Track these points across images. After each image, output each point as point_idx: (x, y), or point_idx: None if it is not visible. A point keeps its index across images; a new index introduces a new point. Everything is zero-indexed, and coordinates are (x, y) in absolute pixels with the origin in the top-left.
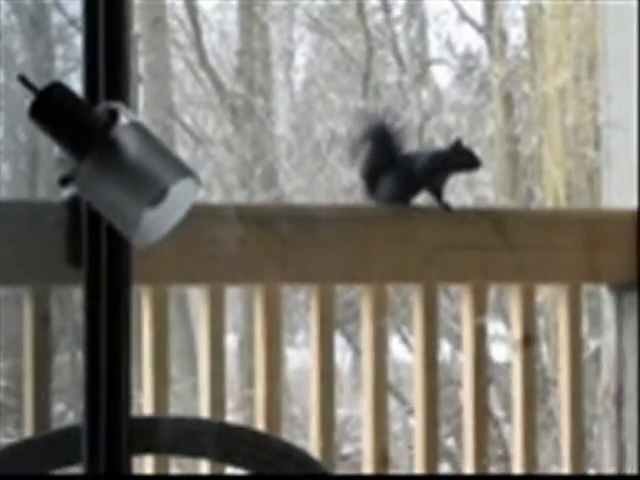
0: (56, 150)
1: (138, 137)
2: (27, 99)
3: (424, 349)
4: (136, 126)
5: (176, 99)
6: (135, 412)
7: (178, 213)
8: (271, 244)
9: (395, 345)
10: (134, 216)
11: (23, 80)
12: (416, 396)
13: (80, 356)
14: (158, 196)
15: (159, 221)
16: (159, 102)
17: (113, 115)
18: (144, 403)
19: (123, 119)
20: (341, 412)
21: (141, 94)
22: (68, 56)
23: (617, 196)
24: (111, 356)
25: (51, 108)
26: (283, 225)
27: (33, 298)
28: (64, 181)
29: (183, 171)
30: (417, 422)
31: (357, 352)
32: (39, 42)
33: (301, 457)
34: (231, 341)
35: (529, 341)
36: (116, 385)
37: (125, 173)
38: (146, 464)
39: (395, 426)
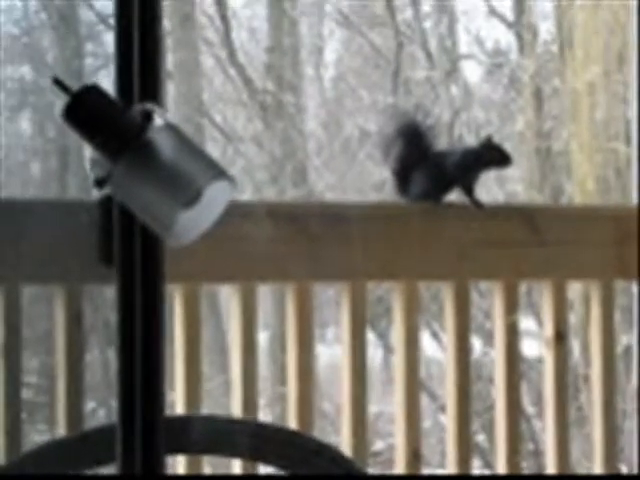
0: (89, 151)
1: (172, 138)
2: (57, 96)
3: (456, 346)
4: (170, 127)
5: (206, 96)
6: (168, 410)
7: (213, 214)
8: (302, 241)
9: (426, 341)
10: (169, 218)
11: (57, 82)
12: (448, 392)
13: (110, 354)
14: (193, 198)
15: (194, 222)
16: (189, 99)
17: (147, 116)
18: (177, 401)
19: (157, 120)
20: (372, 408)
21: (171, 91)
22: (98, 53)
23: (637, 191)
24: (146, 355)
25: (85, 110)
26: (314, 222)
27: (65, 297)
28: (99, 183)
29: (218, 172)
30: (449, 418)
31: (388, 348)
32: (68, 39)
33: (333, 454)
34: (262, 338)
35: (560, 337)
36: (151, 384)
37: (160, 175)
38: (179, 464)
39: (426, 423)
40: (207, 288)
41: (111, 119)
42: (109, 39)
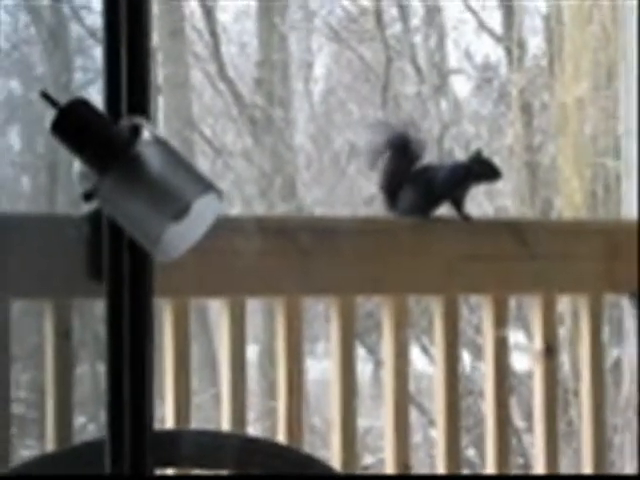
0: (77, 164)
1: (161, 152)
2: (46, 111)
3: (445, 360)
4: (158, 141)
5: (195, 110)
6: (157, 424)
7: (201, 228)
8: (291, 256)
9: (415, 355)
10: (157, 231)
11: (45, 96)
12: (437, 406)
13: (100, 368)
14: (181, 211)
15: (182, 236)
16: (178, 113)
17: (135, 130)
18: (166, 415)
19: (146, 134)
20: (362, 423)
21: (160, 105)
22: (87, 67)
23: (636, 206)
24: (134, 369)
25: (73, 123)
26: (303, 237)
27: (54, 312)
28: (87, 196)
29: (206, 186)
30: (438, 432)
31: (378, 363)
32: (58, 54)
33: (322, 469)
34: (252, 352)
35: (550, 351)
36: (139, 398)
37: (148, 188)
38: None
39: (416, 437)
40: (197, 303)
41: (99, 132)
42: (99, 53)
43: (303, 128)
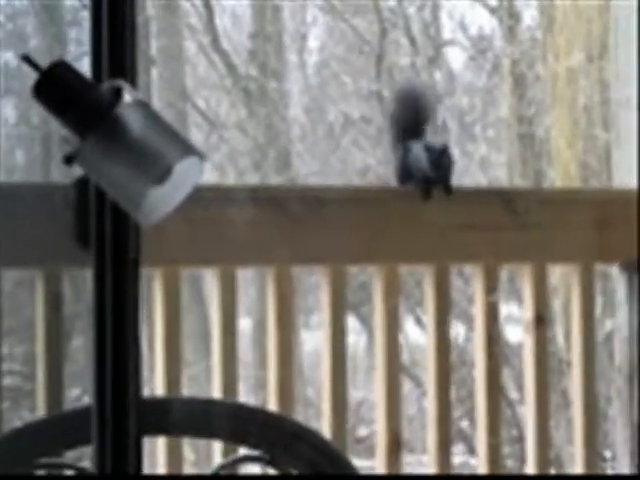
0: (61, 129)
1: (142, 115)
2: None
3: (437, 329)
4: (140, 104)
5: (189, 82)
6: (148, 394)
7: (183, 191)
8: (283, 225)
9: (410, 327)
10: (139, 194)
11: (27, 59)
12: (429, 377)
13: None
14: (163, 174)
15: (164, 199)
16: (172, 85)
17: (117, 93)
18: (157, 385)
19: (127, 97)
20: (356, 395)
21: (154, 77)
22: (81, 40)
23: (628, 176)
24: (118, 336)
25: (54, 86)
26: (295, 206)
27: (44, 280)
28: (68, 159)
29: (188, 149)
30: (430, 404)
31: (372, 335)
32: (52, 26)
33: (314, 438)
34: (245, 325)
35: (541, 321)
36: (123, 365)
37: (129, 151)
38: (159, 445)
39: (410, 409)
40: (191, 275)
41: (80, 95)
42: None
43: (297, 100)
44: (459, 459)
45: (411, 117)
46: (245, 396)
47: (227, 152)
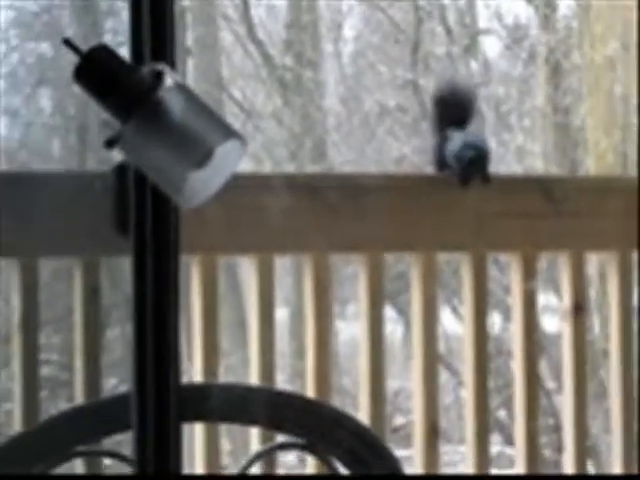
0: (102, 113)
1: (183, 98)
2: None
3: (474, 317)
4: (181, 87)
5: (225, 72)
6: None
7: (224, 175)
8: (320, 213)
9: (446, 317)
10: (180, 178)
11: (68, 43)
12: (466, 367)
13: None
14: (204, 158)
15: (205, 183)
16: (208, 75)
17: (158, 76)
18: (195, 375)
19: (168, 80)
20: (393, 384)
21: (190, 67)
22: (117, 30)
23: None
24: (159, 323)
25: (95, 70)
26: (332, 194)
27: (83, 270)
28: (109, 143)
29: (228, 132)
30: (467, 393)
31: (408, 324)
32: (88, 16)
33: (352, 424)
34: (282, 314)
35: (579, 309)
36: (164, 352)
37: (170, 135)
38: (196, 432)
39: (447, 398)
40: (227, 264)
41: (121, 78)
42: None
43: (333, 89)
44: (496, 449)
45: (454, 107)
46: (282, 386)
47: (263, 142)
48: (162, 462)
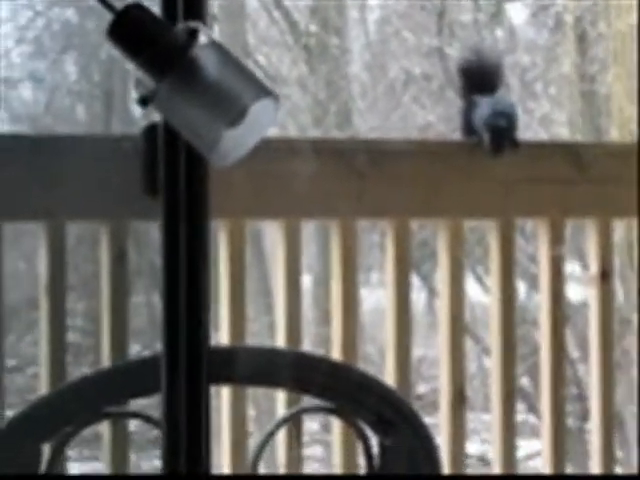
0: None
1: (217, 56)
2: (101, 39)
3: (501, 286)
4: (215, 45)
5: (251, 39)
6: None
7: (258, 133)
8: (347, 178)
9: (470, 285)
10: (214, 136)
11: (101, 0)
12: (492, 335)
13: (155, 297)
14: (238, 115)
15: (239, 141)
16: (234, 42)
17: (192, 34)
18: (221, 340)
19: (202, 38)
20: (416, 351)
21: (216, 34)
22: None
23: None
24: (192, 286)
25: (129, 27)
26: (359, 159)
27: (110, 234)
28: (143, 101)
29: (263, 90)
30: (493, 361)
31: (432, 292)
32: None
33: (379, 388)
34: (306, 281)
35: (606, 276)
36: (196, 315)
37: (205, 92)
38: (223, 394)
39: (470, 366)
40: (251, 231)
41: (155, 36)
42: None
43: (358, 56)
44: (519, 417)
45: (482, 74)
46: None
47: (288, 108)
48: (193, 425)
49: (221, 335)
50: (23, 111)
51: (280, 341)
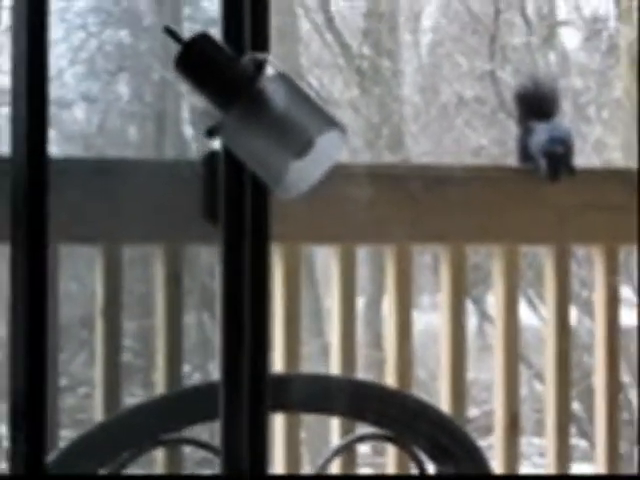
0: (196, 102)
1: (284, 88)
2: (154, 60)
3: (556, 311)
4: (282, 77)
5: (303, 61)
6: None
7: (324, 165)
8: (401, 204)
9: (521, 308)
10: (280, 168)
11: (169, 31)
12: (547, 361)
13: (206, 317)
14: (304, 147)
15: (305, 173)
16: (286, 64)
17: (259, 66)
18: (275, 362)
19: (269, 69)
20: (468, 375)
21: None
22: (195, 17)
23: None
24: (255, 313)
25: (197, 59)
26: (413, 185)
27: (165, 257)
28: (211, 132)
29: (330, 122)
30: (547, 387)
31: (483, 315)
32: (166, 3)
33: (434, 415)
34: (358, 304)
35: None
36: (260, 342)
37: (271, 124)
38: (277, 421)
39: (521, 390)
40: (304, 253)
41: (223, 68)
42: (207, 4)
43: (410, 79)
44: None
45: (538, 101)
46: (358, 376)
47: None
48: (256, 453)
49: (275, 357)
50: (76, 131)
51: (334, 364)
